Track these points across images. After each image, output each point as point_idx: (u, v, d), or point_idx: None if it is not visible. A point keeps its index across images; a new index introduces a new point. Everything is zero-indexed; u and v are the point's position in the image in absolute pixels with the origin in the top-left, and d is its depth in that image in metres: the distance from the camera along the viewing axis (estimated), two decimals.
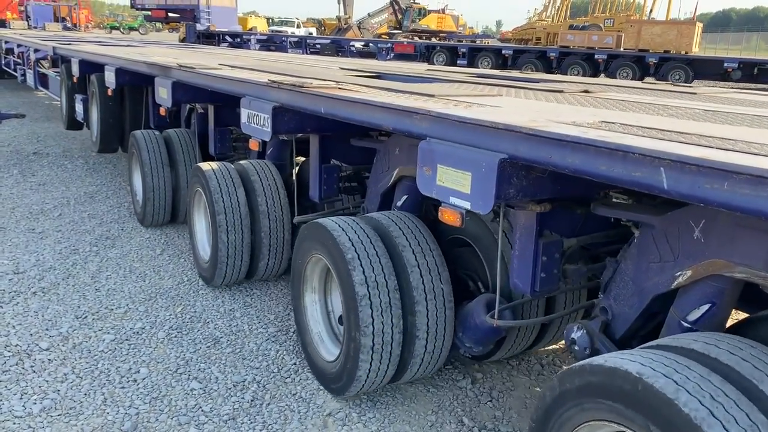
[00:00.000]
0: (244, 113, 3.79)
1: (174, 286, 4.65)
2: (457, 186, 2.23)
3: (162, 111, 5.68)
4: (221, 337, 3.89)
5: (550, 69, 22.30)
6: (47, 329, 3.90)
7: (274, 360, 3.63)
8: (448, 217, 2.33)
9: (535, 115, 2.36)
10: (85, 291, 4.49)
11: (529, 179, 2.14)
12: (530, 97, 3.48)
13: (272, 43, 28.64)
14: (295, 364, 3.60)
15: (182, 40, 27.84)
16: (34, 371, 3.43)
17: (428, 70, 6.58)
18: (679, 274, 2.14)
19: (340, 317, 3.16)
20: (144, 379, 3.41)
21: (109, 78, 6.31)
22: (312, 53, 26.06)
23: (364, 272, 2.84)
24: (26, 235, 5.61)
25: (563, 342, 3.00)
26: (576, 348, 2.55)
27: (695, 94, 4.37)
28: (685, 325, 2.18)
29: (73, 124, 8.83)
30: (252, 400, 3.24)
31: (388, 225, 3.07)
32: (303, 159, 4.68)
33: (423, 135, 2.41)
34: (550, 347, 3.85)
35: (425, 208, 3.44)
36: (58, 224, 5.93)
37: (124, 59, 6.15)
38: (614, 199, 2.60)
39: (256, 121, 3.64)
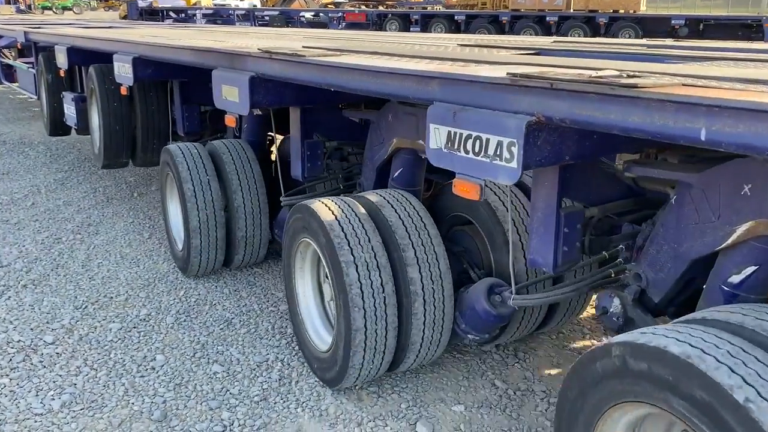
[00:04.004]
0: (439, 133, 2.28)
1: (171, 270, 4.50)
2: None
3: (231, 121, 3.83)
4: (233, 318, 3.79)
5: (503, 33, 22.29)
6: (48, 322, 3.73)
7: (293, 337, 3.56)
8: None
9: None
10: (78, 280, 4.31)
11: None
12: None
13: (219, 17, 27.68)
14: None
15: (124, 18, 26.72)
16: (44, 366, 3.28)
17: (555, 42, 4.81)
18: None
19: None
20: (162, 366, 3.30)
21: (122, 71, 4.72)
22: (261, 25, 25.39)
23: None
24: (1, 226, 5.34)
25: None
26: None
27: None
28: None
29: (58, 128, 7.08)
30: (280, 379, 3.18)
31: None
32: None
33: None
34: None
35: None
36: (33, 213, 5.66)
37: (147, 45, 4.54)
38: None
39: (478, 149, 2.10)
